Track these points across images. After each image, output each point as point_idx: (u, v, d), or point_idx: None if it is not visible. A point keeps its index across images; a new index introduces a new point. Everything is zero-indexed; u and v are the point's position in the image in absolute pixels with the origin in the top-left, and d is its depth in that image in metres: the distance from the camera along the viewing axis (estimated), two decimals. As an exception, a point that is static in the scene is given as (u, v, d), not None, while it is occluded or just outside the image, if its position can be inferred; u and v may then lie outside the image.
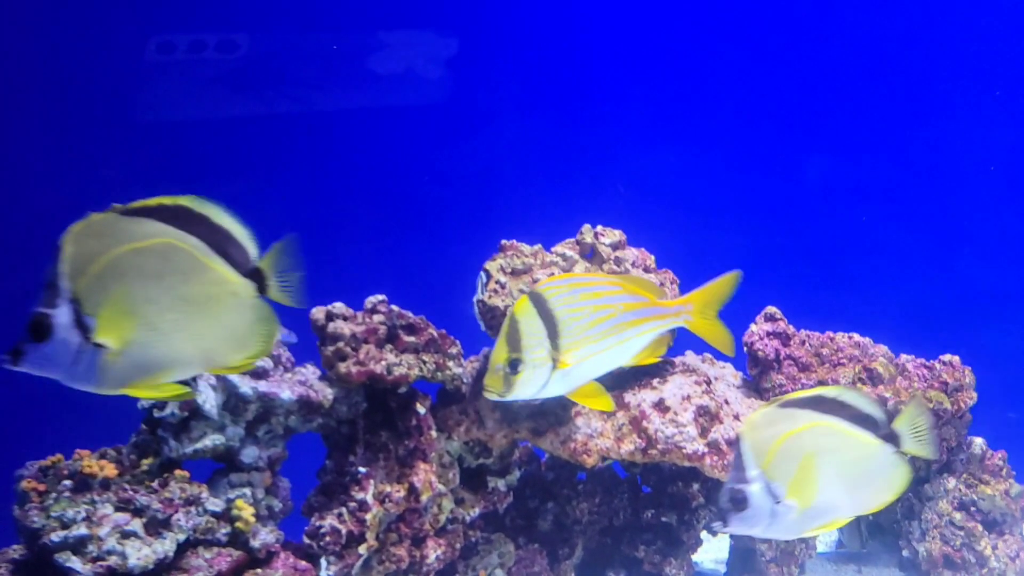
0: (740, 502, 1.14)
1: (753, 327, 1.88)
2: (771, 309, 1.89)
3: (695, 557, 1.89)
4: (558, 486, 1.94)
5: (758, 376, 1.85)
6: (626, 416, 1.71)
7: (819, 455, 1.15)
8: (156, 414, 1.58)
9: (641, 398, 1.73)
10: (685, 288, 1.91)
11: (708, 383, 1.78)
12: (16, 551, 1.40)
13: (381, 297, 1.84)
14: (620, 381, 1.79)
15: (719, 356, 1.98)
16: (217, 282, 1.04)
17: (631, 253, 1.90)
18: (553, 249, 1.91)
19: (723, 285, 1.48)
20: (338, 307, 1.77)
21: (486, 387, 1.30)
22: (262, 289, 1.09)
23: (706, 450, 1.65)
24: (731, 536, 1.96)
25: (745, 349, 1.89)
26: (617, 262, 1.88)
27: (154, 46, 3.66)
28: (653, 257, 1.93)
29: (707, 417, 1.70)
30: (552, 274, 1.77)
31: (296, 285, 1.13)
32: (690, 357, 1.95)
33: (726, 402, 1.75)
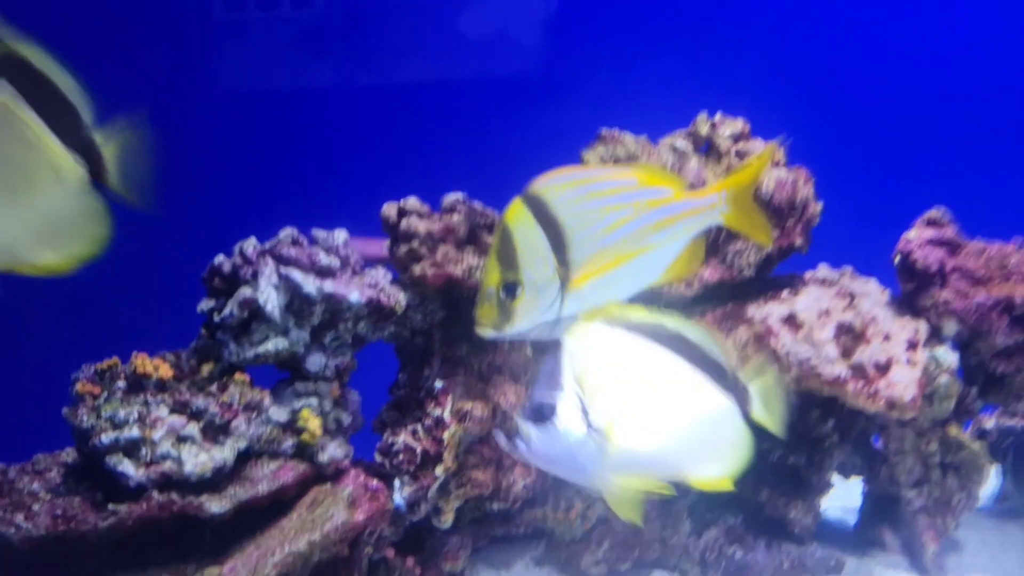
0: (546, 412, 0.91)
1: (910, 233, 1.54)
2: (935, 212, 1.54)
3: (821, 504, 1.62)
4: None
5: (914, 292, 1.52)
6: (748, 332, 1.44)
7: (648, 392, 0.93)
8: (216, 317, 1.44)
9: (767, 312, 1.44)
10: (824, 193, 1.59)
11: (851, 297, 1.47)
12: (68, 454, 1.30)
13: (459, 195, 1.62)
14: (737, 293, 1.51)
15: (863, 271, 1.66)
16: (32, 148, 0.79)
17: (757, 145, 1.59)
18: (661, 141, 1.62)
19: (760, 163, 1.16)
20: (411, 202, 1.57)
21: (476, 321, 1.03)
22: (97, 174, 0.84)
23: (849, 374, 1.36)
24: (865, 480, 1.66)
25: (896, 260, 1.57)
26: (739, 156, 1.58)
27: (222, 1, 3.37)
28: (783, 151, 1.61)
29: (851, 336, 1.40)
30: (664, 166, 1.49)
31: (147, 177, 0.88)
32: (824, 270, 1.64)
33: (874, 320, 1.44)
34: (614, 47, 3.59)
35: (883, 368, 1.38)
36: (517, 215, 1.00)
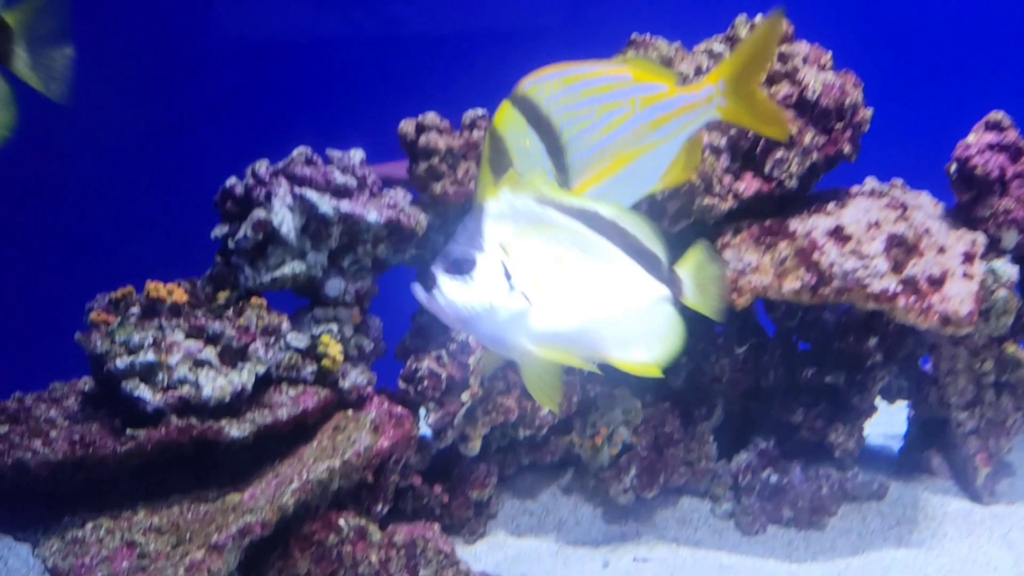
0: (464, 264, 0.84)
1: (969, 138, 1.42)
2: (996, 114, 1.42)
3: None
4: (692, 339, 1.62)
5: (971, 202, 1.42)
6: (790, 247, 1.35)
7: (576, 266, 0.87)
8: (230, 243, 1.39)
9: (811, 225, 1.35)
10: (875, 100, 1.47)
11: (903, 208, 1.37)
12: (85, 383, 1.27)
13: (481, 111, 1.53)
14: (779, 207, 1.42)
15: (913, 185, 1.55)
16: None
17: (801, 48, 1.47)
18: (696, 47, 1.50)
19: (761, 40, 1.02)
20: (431, 117, 1.49)
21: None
22: (2, 57, 0.80)
23: (899, 288, 1.27)
24: (910, 405, 1.59)
25: (952, 169, 1.45)
26: (782, 60, 1.46)
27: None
28: (829, 53, 1.49)
29: (902, 248, 1.30)
30: (700, 70, 1.38)
31: (60, 64, 0.83)
32: (872, 182, 1.53)
33: (927, 232, 1.34)
34: None
35: (937, 282, 1.28)
36: (508, 119, 0.92)
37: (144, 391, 1.17)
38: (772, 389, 1.56)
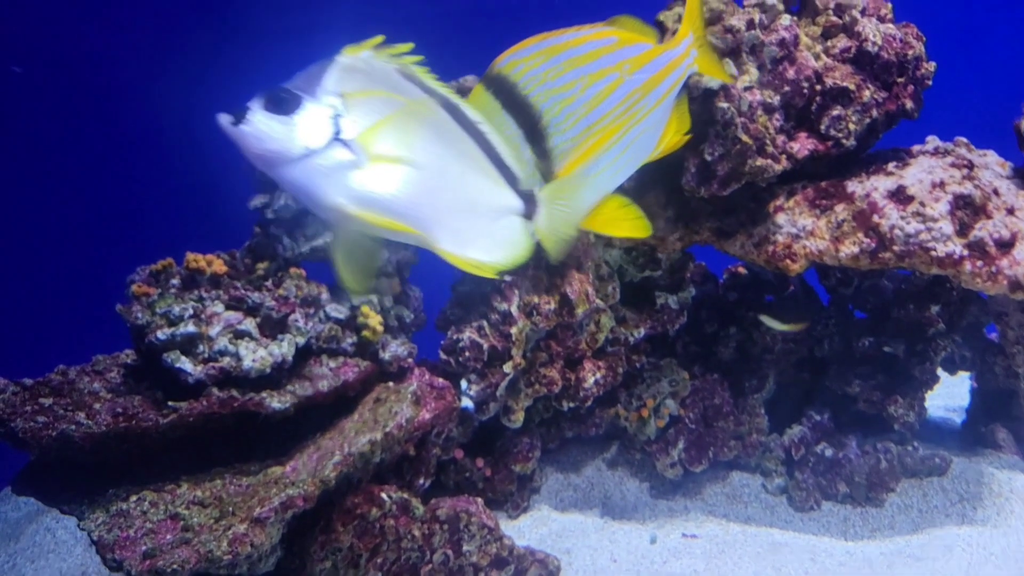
0: (288, 102, 0.76)
1: (1042, 92, 1.33)
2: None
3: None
4: (743, 308, 1.57)
5: (1043, 160, 1.33)
6: (848, 210, 1.28)
7: (423, 143, 0.79)
8: (269, 214, 1.37)
9: (871, 186, 1.28)
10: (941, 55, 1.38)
11: (969, 167, 1.29)
12: (128, 355, 1.26)
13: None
14: (835, 168, 1.35)
15: (978, 144, 1.46)
16: None
17: (858, 0, 1.38)
18: (747, 0, 1.43)
19: None
20: (471, 80, 1.44)
21: None
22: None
23: (966, 252, 1.20)
24: (973, 376, 1.52)
25: (1021, 126, 1.36)
26: (838, 12, 1.38)
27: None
28: (890, 5, 1.40)
29: (969, 210, 1.23)
30: (752, 24, 1.31)
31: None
32: (935, 141, 1.45)
33: (995, 192, 1.26)
34: None
35: (1006, 245, 1.21)
36: (479, 104, 0.82)
37: (185, 363, 1.16)
38: (827, 359, 1.50)
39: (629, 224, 0.89)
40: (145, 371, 1.23)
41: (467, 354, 1.39)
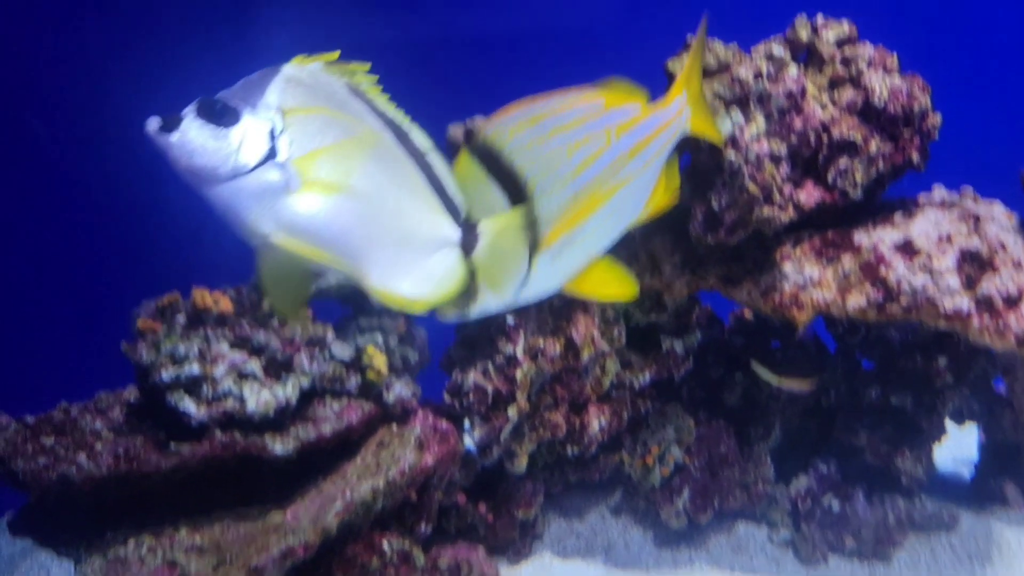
0: (224, 113, 0.71)
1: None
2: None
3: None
4: (749, 354, 1.56)
5: (1051, 213, 1.33)
6: (855, 261, 1.28)
7: (362, 165, 0.75)
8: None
9: (877, 238, 1.28)
10: (946, 106, 1.39)
11: (975, 221, 1.29)
12: (131, 392, 1.26)
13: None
14: (842, 218, 1.35)
15: (983, 192, 1.46)
16: None
17: (865, 50, 1.40)
18: (754, 48, 1.44)
19: (702, 47, 0.99)
20: (479, 122, 1.45)
21: (438, 308, 0.84)
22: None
23: (973, 307, 1.20)
24: (981, 428, 1.50)
25: (1029, 179, 1.37)
26: (845, 64, 1.39)
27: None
28: (895, 56, 1.41)
29: (976, 264, 1.23)
30: (759, 75, 1.32)
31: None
32: (941, 192, 1.45)
33: (1002, 246, 1.26)
34: None
35: (1013, 300, 1.20)
36: (464, 173, 0.81)
37: (189, 404, 1.16)
38: (833, 409, 1.49)
39: (616, 286, 0.88)
40: (148, 409, 1.22)
41: (471, 397, 1.38)
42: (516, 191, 0.81)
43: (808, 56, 1.44)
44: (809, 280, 1.29)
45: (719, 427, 1.47)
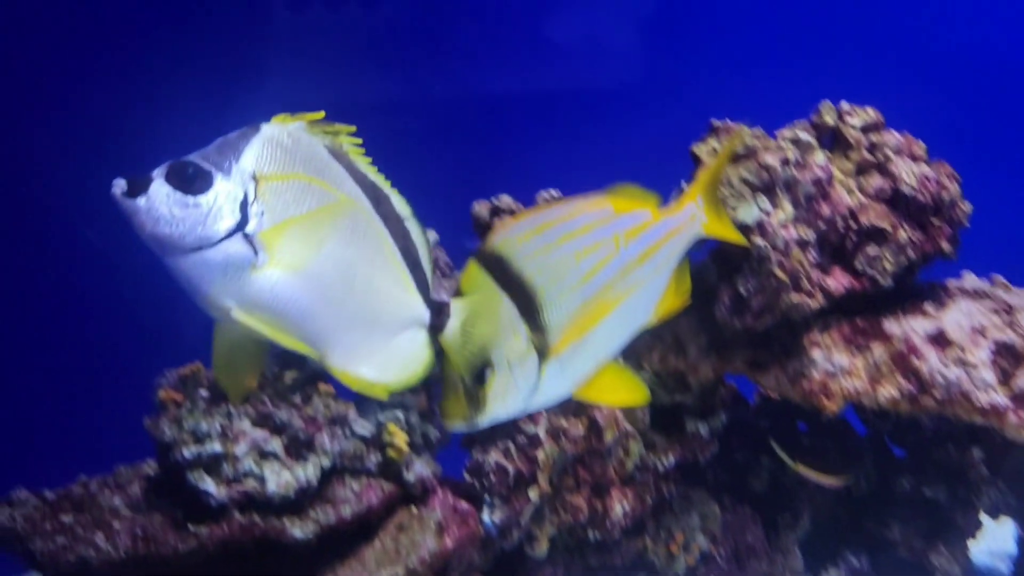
0: (197, 179, 0.67)
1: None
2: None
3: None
4: (773, 437, 1.53)
5: (1085, 305, 1.31)
6: (886, 350, 1.26)
7: (335, 241, 0.72)
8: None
9: (909, 328, 1.26)
10: (974, 193, 1.39)
11: (1009, 312, 1.28)
12: (150, 466, 1.25)
13: (556, 192, 1.51)
14: (871, 305, 1.33)
15: (1013, 280, 1.44)
16: None
17: (891, 138, 1.41)
18: (780, 133, 1.45)
19: (729, 153, 1.01)
20: (505, 200, 1.47)
21: (444, 416, 0.83)
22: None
23: (1009, 403, 1.17)
24: (1018, 524, 1.45)
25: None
26: (872, 150, 1.40)
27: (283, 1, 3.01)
28: (923, 145, 1.42)
29: (1011, 358, 1.20)
30: (786, 161, 1.33)
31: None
32: (971, 279, 1.44)
33: (1037, 339, 1.24)
34: (715, 45, 3.30)
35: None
36: (474, 281, 0.81)
37: (209, 484, 1.15)
38: (864, 498, 1.45)
39: (626, 393, 0.88)
40: (167, 485, 1.21)
41: (492, 477, 1.36)
42: (525, 300, 0.81)
43: (833, 140, 1.45)
44: (839, 368, 1.27)
45: (745, 514, 1.43)
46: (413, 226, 0.79)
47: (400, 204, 0.78)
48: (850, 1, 3.15)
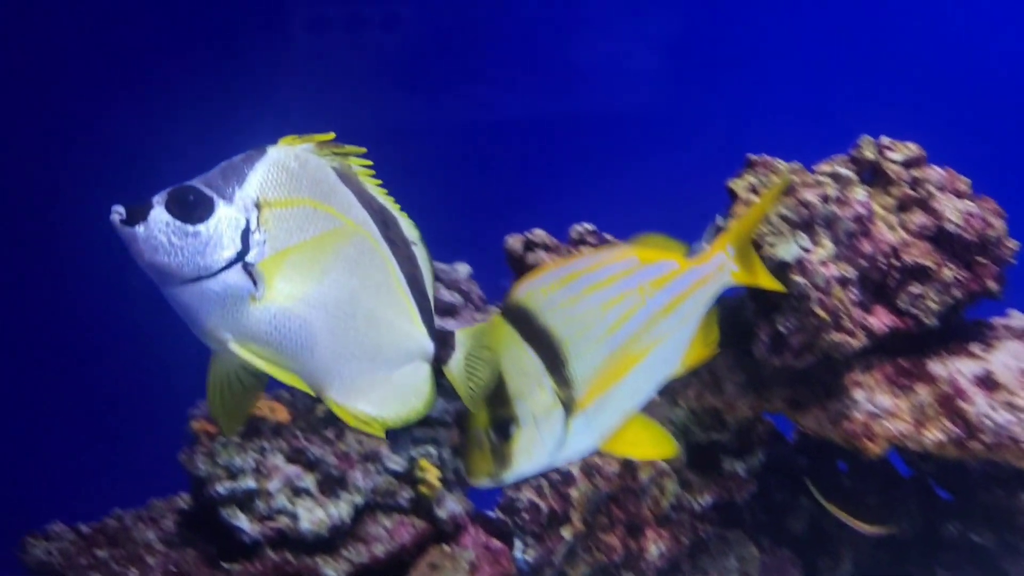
0: (198, 207, 0.64)
1: None
2: None
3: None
4: (814, 477, 1.50)
5: None
6: (931, 392, 1.23)
7: (339, 271, 0.69)
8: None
9: (954, 369, 1.23)
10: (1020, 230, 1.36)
11: (1059, 353, 1.24)
12: (183, 500, 1.25)
13: (590, 226, 1.50)
14: (915, 345, 1.30)
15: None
16: None
17: (933, 173, 1.38)
18: (818, 168, 1.44)
19: (769, 204, 0.99)
20: (538, 234, 1.46)
21: (469, 472, 0.81)
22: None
23: (1063, 449, 1.13)
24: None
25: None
26: (914, 186, 1.37)
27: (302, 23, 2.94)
28: (967, 180, 1.39)
29: (1063, 402, 1.17)
30: (826, 198, 1.30)
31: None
32: (1018, 318, 1.40)
33: (1090, 382, 1.20)
34: (742, 72, 3.26)
35: None
36: (499, 336, 0.80)
37: (242, 520, 1.15)
38: (909, 542, 1.41)
39: (653, 447, 0.86)
40: (200, 519, 1.21)
41: (525, 515, 1.34)
42: (551, 353, 0.80)
43: (873, 174, 1.42)
44: (882, 410, 1.24)
45: (784, 556, 1.40)
46: (420, 251, 0.77)
47: (408, 228, 0.77)
48: (886, 28, 3.11)
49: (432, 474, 1.32)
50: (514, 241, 1.49)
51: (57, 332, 2.70)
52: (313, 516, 1.16)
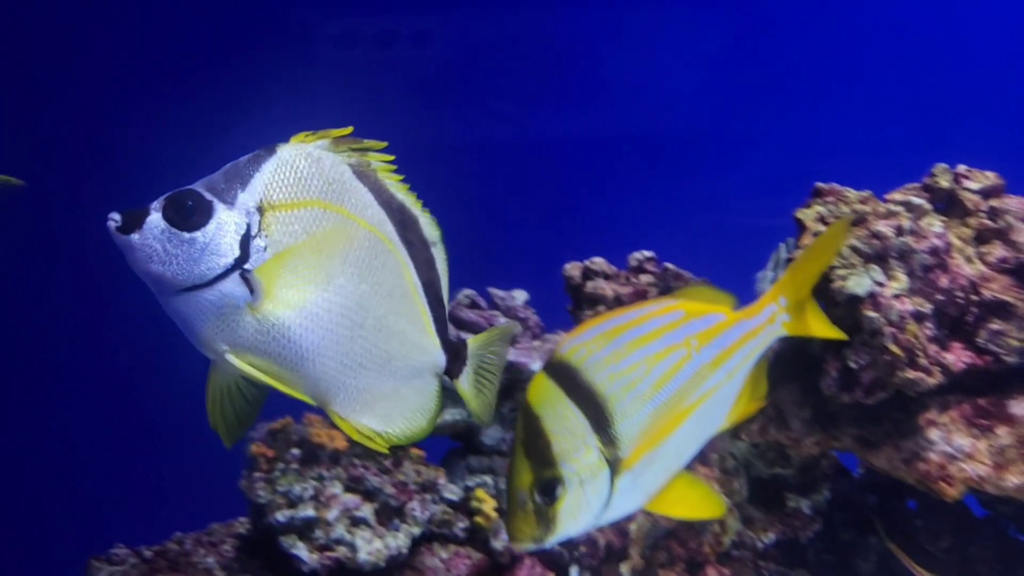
0: (195, 212, 0.61)
1: None
2: None
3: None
4: (883, 516, 1.44)
5: None
6: (1011, 434, 1.17)
7: (347, 280, 0.65)
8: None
9: (1039, 411, 1.17)
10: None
11: None
12: (242, 524, 1.25)
13: (649, 254, 1.48)
14: (995, 384, 1.25)
15: None
16: None
17: (1014, 203, 1.32)
18: (890, 196, 1.39)
19: (826, 249, 0.92)
20: (598, 262, 1.44)
21: (512, 536, 0.77)
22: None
23: None
24: None
25: None
26: (992, 216, 1.32)
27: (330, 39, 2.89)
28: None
29: None
30: (900, 230, 1.26)
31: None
32: (1103, 355, 1.33)
33: None
34: (803, 91, 3.17)
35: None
36: (542, 393, 0.77)
37: (301, 549, 1.14)
38: (982, 590, 1.35)
39: (700, 506, 0.82)
40: (258, 545, 1.21)
41: (582, 548, 1.31)
42: (596, 411, 0.77)
43: (948, 203, 1.37)
44: (959, 451, 1.19)
45: (851, 601, 1.34)
46: (439, 252, 0.74)
47: (429, 227, 0.73)
48: (958, 50, 2.99)
49: (488, 505, 1.30)
50: (573, 268, 1.47)
51: (119, 355, 2.75)
52: (371, 547, 1.15)
